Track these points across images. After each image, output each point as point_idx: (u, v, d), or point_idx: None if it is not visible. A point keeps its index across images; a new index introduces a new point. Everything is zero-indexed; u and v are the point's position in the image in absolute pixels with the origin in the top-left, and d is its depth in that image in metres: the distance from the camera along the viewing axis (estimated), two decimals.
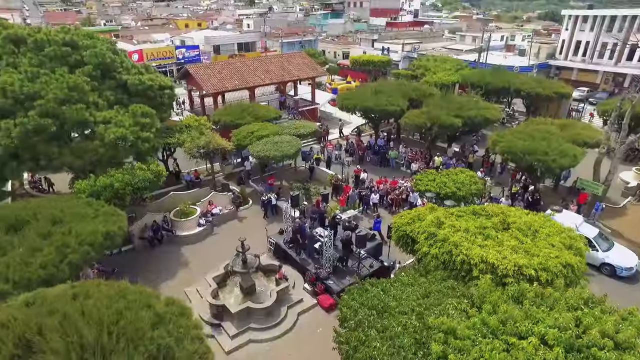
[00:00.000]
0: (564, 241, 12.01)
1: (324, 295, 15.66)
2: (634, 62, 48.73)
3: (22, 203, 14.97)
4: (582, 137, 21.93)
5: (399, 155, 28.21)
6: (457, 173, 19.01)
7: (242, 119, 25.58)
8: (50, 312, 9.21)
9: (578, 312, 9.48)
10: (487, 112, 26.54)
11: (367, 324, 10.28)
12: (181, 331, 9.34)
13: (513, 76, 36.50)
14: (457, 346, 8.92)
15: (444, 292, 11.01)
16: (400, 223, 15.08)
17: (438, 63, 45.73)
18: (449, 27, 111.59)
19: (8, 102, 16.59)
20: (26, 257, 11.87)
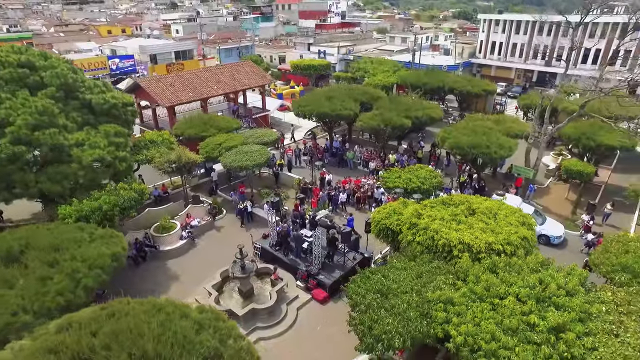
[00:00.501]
0: (519, 219, 14.73)
1: (317, 289, 17.21)
2: (538, 60, 55.75)
3: (7, 234, 14.70)
4: (513, 130, 25.62)
5: (355, 155, 30.36)
6: (418, 169, 21.50)
7: (206, 131, 26.14)
8: (94, 332, 9.84)
9: (538, 273, 12.03)
10: (432, 112, 29.66)
11: (377, 305, 12.04)
12: (223, 333, 10.42)
13: (446, 76, 40.50)
14: (456, 311, 11.01)
15: (433, 271, 13.11)
16: (379, 218, 17.07)
17: (375, 65, 48.84)
18: (375, 28, 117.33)
19: None
20: (39, 287, 12.04)
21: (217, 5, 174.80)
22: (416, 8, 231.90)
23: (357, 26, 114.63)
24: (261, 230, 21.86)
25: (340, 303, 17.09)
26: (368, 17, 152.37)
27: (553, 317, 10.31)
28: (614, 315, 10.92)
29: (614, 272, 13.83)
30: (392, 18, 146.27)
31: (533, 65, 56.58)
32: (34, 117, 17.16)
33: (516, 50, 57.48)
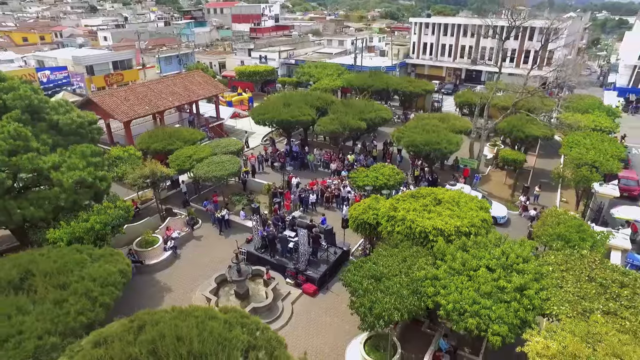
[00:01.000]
0: (477, 205, 17.45)
1: (306, 284, 18.82)
2: (465, 59, 61.40)
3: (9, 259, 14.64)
4: (457, 126, 28.94)
5: (315, 158, 32.17)
6: (382, 168, 23.79)
7: (172, 145, 26.54)
8: (131, 342, 10.76)
9: (500, 247, 14.66)
10: (383, 113, 32.34)
11: (373, 289, 13.97)
12: (251, 327, 11.76)
13: (389, 78, 43.66)
14: (442, 285, 13.26)
15: (414, 255, 15.31)
16: (356, 214, 19.11)
17: (319, 69, 50.98)
18: (308, 30, 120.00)
19: None
20: (57, 309, 12.45)
21: (141, 9, 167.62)
22: (343, 8, 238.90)
23: (291, 29, 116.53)
24: (240, 236, 22.93)
25: (329, 294, 18.93)
26: (300, 19, 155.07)
27: (516, 280, 12.88)
28: (557, 273, 13.80)
29: (552, 241, 16.96)
30: (323, 19, 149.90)
31: (461, 64, 62.15)
32: (9, 142, 16.97)
33: (445, 51, 62.72)
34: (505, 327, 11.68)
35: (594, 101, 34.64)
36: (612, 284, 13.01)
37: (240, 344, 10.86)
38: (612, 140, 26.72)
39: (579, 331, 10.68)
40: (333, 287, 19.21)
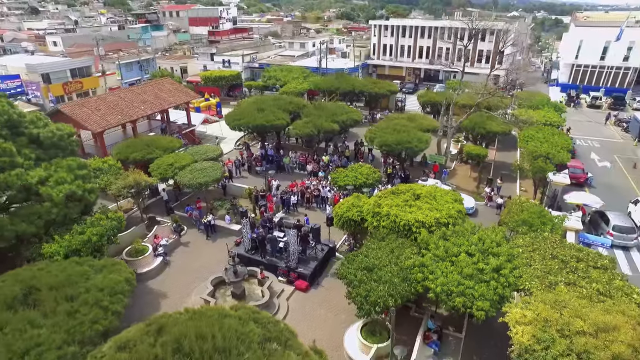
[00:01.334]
0: (452, 198, 19.24)
1: (298, 280, 19.92)
2: (423, 59, 64.44)
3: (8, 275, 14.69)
4: (425, 125, 30.96)
5: (291, 160, 33.21)
6: (359, 167, 25.24)
7: (152, 153, 26.73)
8: (153, 343, 11.47)
9: (476, 234, 16.45)
10: (354, 115, 33.91)
11: (367, 279, 15.32)
12: (263, 321, 12.74)
13: (355, 80, 45.36)
14: (429, 271, 14.82)
15: (400, 246, 16.82)
16: (341, 212, 20.44)
17: (285, 73, 51.92)
18: (267, 32, 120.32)
19: None
20: (70, 320, 12.86)
21: (89, 11, 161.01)
22: (299, 9, 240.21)
23: (249, 31, 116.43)
24: (227, 239, 23.70)
25: (320, 288, 20.13)
26: (257, 21, 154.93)
27: (493, 262, 14.66)
28: (526, 253, 15.75)
29: (518, 226, 19.07)
30: (281, 21, 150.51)
31: (420, 64, 65.12)
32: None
33: (404, 51, 65.47)
34: (487, 303, 13.38)
35: (543, 98, 37.94)
36: (570, 259, 15.09)
37: (256, 337, 11.82)
38: (560, 134, 29.66)
39: (547, 300, 12.51)
40: (323, 282, 20.45)
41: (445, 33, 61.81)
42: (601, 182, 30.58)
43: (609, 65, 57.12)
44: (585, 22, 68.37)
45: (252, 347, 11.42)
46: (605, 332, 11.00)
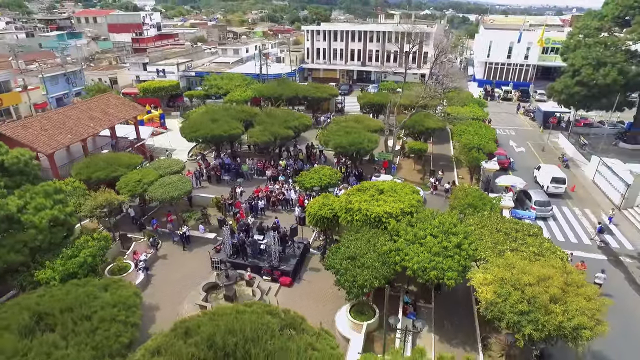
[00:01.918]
0: (410, 190, 22.27)
1: (282, 277, 21.76)
2: (356, 61, 68.45)
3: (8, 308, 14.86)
4: (371, 126, 34.04)
5: (249, 167, 34.61)
6: (321, 170, 27.52)
7: (116, 171, 26.81)
8: (186, 345, 12.91)
9: (436, 219, 19.53)
10: (305, 120, 36.11)
11: (351, 267, 17.68)
12: (275, 313, 14.58)
13: (297, 85, 47.54)
14: (404, 253, 17.55)
15: (375, 235, 19.41)
16: (314, 211, 22.59)
17: (226, 81, 52.65)
18: (193, 37, 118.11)
19: None
20: (94, 337, 13.66)
21: None
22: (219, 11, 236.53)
23: (176, 37, 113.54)
24: (203, 248, 24.81)
25: (302, 282, 22.15)
26: (180, 26, 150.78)
27: (454, 240, 17.76)
28: (477, 230, 19.13)
29: (464, 209, 22.60)
30: (205, 25, 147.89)
31: (352, 66, 69.01)
32: None
33: (337, 55, 68.97)
34: (455, 273, 16.39)
35: (468, 95, 43.03)
36: (511, 231, 18.71)
37: (275, 326, 13.68)
38: (486, 127, 34.41)
39: (500, 264, 15.79)
40: (304, 276, 22.50)
41: (374, 37, 66.27)
42: (520, 165, 35.94)
43: (514, 62, 65.31)
44: (492, 25, 76.99)
45: (274, 335, 13.25)
46: (543, 281, 14.41)
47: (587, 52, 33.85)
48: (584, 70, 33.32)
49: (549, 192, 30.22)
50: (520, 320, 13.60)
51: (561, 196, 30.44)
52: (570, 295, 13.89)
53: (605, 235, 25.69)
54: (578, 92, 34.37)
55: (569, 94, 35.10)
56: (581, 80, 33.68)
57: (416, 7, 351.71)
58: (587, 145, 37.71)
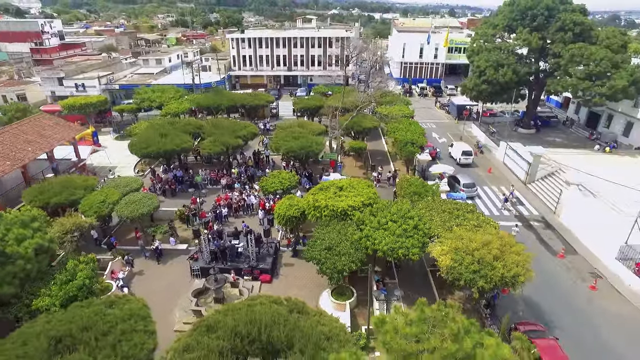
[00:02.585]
0: (365, 185, 25.59)
1: (262, 275, 23.83)
2: (282, 67, 71.01)
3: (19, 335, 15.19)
4: (315, 130, 36.96)
5: (203, 177, 35.64)
6: (279, 174, 29.81)
7: (75, 195, 26.57)
8: (211, 338, 14.77)
9: (393, 207, 23.03)
10: (251, 129, 37.94)
11: (330, 256, 20.45)
12: (280, 300, 16.85)
13: (234, 94, 48.93)
14: (372, 238, 20.74)
15: (343, 227, 22.34)
16: (282, 212, 24.96)
17: (159, 93, 52.11)
18: (102, 46, 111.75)
19: None
20: (123, 348, 14.69)
21: None
22: (122, 15, 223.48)
23: (83, 46, 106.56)
24: (177, 259, 25.94)
25: (280, 277, 24.41)
26: (82, 33, 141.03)
27: (411, 222, 21.32)
28: (427, 212, 23.00)
29: (410, 196, 26.51)
30: (113, 32, 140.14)
31: (279, 71, 71.45)
32: None
33: (263, 61, 70.91)
34: (417, 249, 19.93)
35: (394, 95, 47.88)
36: (453, 210, 22.85)
37: (284, 312, 16.00)
38: (415, 123, 39.21)
39: (452, 237, 19.67)
40: (280, 272, 24.78)
41: (298, 42, 69.38)
42: (445, 154, 41.44)
43: (425, 62, 72.71)
44: (403, 27, 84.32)
45: (287, 319, 15.56)
46: (486, 245, 18.48)
47: (489, 56, 40.23)
48: (488, 71, 39.60)
49: (461, 163, 38.61)
50: (474, 277, 17.48)
51: (470, 165, 38.94)
52: (506, 254, 18.09)
53: (518, 206, 31.54)
54: (485, 89, 40.69)
55: (478, 90, 41.33)
56: (487, 79, 39.96)
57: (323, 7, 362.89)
58: (496, 132, 44.51)
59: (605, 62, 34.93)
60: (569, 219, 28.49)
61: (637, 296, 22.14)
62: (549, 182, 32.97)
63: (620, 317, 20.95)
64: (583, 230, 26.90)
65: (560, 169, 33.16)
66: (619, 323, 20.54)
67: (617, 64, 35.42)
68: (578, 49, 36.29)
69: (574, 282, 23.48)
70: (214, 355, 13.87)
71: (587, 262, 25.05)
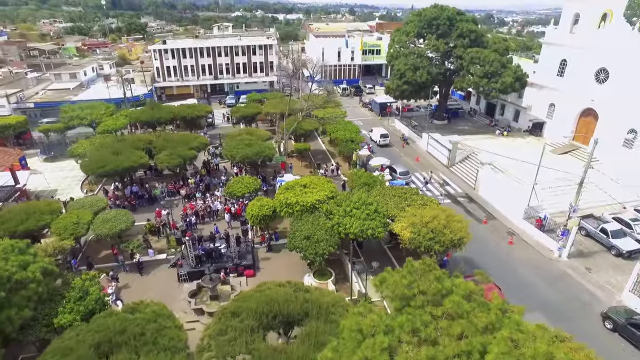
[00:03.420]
0: (326, 181, 29.52)
1: (246, 270, 26.59)
2: (207, 75, 71.94)
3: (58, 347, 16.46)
4: (262, 136, 39.92)
5: (161, 190, 36.72)
6: (242, 179, 32.44)
7: (43, 220, 26.67)
8: (241, 320, 17.74)
9: (353, 197, 27.26)
10: (202, 139, 39.74)
11: (310, 244, 24.03)
12: (288, 284, 20.07)
13: (172, 107, 49.50)
14: (344, 224, 24.74)
15: (315, 218, 26.01)
16: (255, 212, 27.94)
17: (89, 110, 50.56)
18: None
19: None
20: (163, 341, 16.80)
21: None
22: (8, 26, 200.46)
23: None
24: (158, 269, 27.56)
25: (262, 270, 27.35)
26: None
27: (371, 207, 25.73)
28: (382, 198, 27.62)
29: (360, 187, 31.02)
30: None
31: (205, 80, 72.24)
32: None
33: (189, 70, 71.15)
34: (381, 228, 24.37)
35: (323, 97, 52.30)
36: (402, 194, 27.75)
37: (290, 290, 19.26)
38: (350, 123, 44.06)
39: (406, 215, 24.45)
40: (260, 265, 27.72)
41: (222, 51, 70.86)
42: (376, 148, 47.01)
43: (343, 64, 78.69)
44: (320, 32, 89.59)
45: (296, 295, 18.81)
46: (435, 218, 23.50)
47: (406, 60, 46.52)
48: (407, 73, 45.84)
49: (380, 144, 47.56)
50: (430, 243, 22.37)
51: (388, 146, 46.51)
52: (451, 222, 23.28)
53: (445, 186, 37.91)
54: (407, 89, 46.94)
55: (401, 91, 47.48)
56: (407, 81, 46.19)
57: (225, 9, 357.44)
58: (418, 125, 51.28)
59: (496, 63, 42.97)
60: (486, 192, 35.37)
61: (539, 244, 29.13)
62: (466, 165, 39.96)
63: (529, 261, 27.61)
64: (497, 200, 33.81)
65: (474, 152, 40.33)
66: (529, 265, 27.14)
67: (505, 64, 43.73)
68: (475, 52, 43.94)
69: (496, 241, 29.90)
70: (246, 333, 16.81)
71: (504, 224, 31.83)
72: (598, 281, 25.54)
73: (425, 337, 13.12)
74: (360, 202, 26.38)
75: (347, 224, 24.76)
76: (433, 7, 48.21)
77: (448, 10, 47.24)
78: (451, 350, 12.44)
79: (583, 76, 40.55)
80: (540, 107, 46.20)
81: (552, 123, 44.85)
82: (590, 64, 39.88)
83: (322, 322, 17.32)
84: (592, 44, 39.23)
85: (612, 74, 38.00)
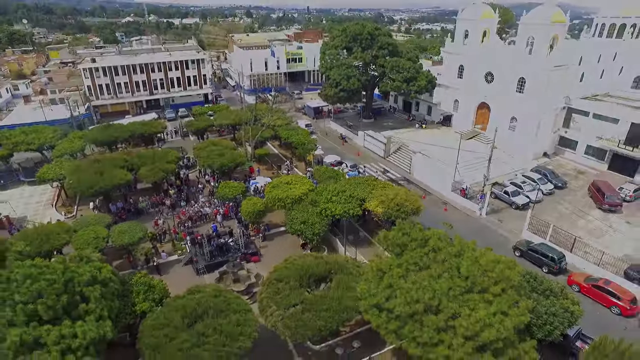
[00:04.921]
0: (303, 179, 36.32)
1: (253, 257, 32.40)
2: (142, 91, 73.19)
3: (154, 321, 21.14)
4: (229, 146, 45.08)
5: (146, 204, 40.16)
6: (227, 184, 37.72)
7: (62, 239, 29.55)
8: (289, 279, 24.17)
9: (331, 187, 34.52)
10: (175, 153, 43.72)
11: (307, 226, 30.78)
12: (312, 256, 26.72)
13: (126, 126, 51.74)
14: (329, 208, 31.93)
15: (305, 206, 32.75)
16: (249, 210, 33.85)
17: (34, 134, 50.45)
18: None
19: None
20: (236, 317, 22.31)
21: None
22: None
23: None
24: (173, 268, 32.11)
25: (265, 255, 33.32)
26: None
27: (347, 193, 33.25)
28: (353, 186, 35.28)
29: (326, 181, 38.39)
30: None
31: (140, 96, 73.42)
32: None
33: (122, 87, 71.74)
34: (358, 208, 32.02)
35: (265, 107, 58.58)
36: (366, 181, 35.70)
37: (320, 260, 25.81)
38: (300, 128, 51.05)
39: (375, 195, 32.45)
40: (261, 252, 33.66)
41: (155, 67, 72.72)
42: (324, 146, 54.71)
43: (271, 72, 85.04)
44: (243, 44, 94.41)
45: (326, 263, 25.46)
46: (396, 194, 31.80)
47: (339, 71, 54.85)
48: (342, 82, 54.18)
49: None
50: (393, 214, 30.60)
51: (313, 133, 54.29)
52: (408, 197, 31.76)
53: (387, 174, 46.95)
54: (342, 96, 55.30)
55: (338, 97, 55.72)
56: (342, 88, 54.53)
57: (113, 14, 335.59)
58: (353, 125, 60.03)
59: (412, 70, 53.30)
60: (420, 175, 45.11)
61: (465, 207, 39.34)
62: (400, 154, 49.53)
63: (459, 221, 37.54)
64: (430, 179, 43.65)
65: (404, 143, 50.08)
66: (461, 223, 37.04)
67: (418, 70, 54.32)
68: (395, 62, 53.84)
69: (435, 210, 39.47)
70: (294, 290, 23.21)
71: (438, 197, 41.66)
72: (507, 227, 36.26)
73: (422, 265, 21.12)
74: (336, 190, 33.74)
75: (332, 208, 31.96)
76: (355, 24, 57.34)
77: (369, 27, 56.64)
78: (440, 269, 20.57)
79: (476, 78, 52.65)
80: (448, 103, 58.02)
81: (458, 115, 56.82)
82: (480, 69, 52.03)
83: (344, 274, 24.41)
84: (479, 54, 51.31)
85: (496, 76, 50.40)
